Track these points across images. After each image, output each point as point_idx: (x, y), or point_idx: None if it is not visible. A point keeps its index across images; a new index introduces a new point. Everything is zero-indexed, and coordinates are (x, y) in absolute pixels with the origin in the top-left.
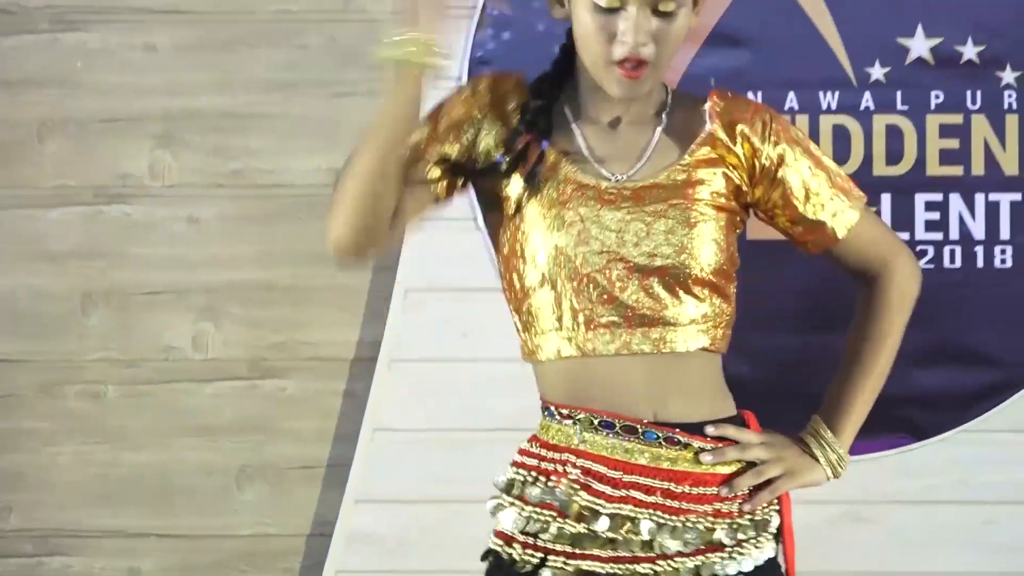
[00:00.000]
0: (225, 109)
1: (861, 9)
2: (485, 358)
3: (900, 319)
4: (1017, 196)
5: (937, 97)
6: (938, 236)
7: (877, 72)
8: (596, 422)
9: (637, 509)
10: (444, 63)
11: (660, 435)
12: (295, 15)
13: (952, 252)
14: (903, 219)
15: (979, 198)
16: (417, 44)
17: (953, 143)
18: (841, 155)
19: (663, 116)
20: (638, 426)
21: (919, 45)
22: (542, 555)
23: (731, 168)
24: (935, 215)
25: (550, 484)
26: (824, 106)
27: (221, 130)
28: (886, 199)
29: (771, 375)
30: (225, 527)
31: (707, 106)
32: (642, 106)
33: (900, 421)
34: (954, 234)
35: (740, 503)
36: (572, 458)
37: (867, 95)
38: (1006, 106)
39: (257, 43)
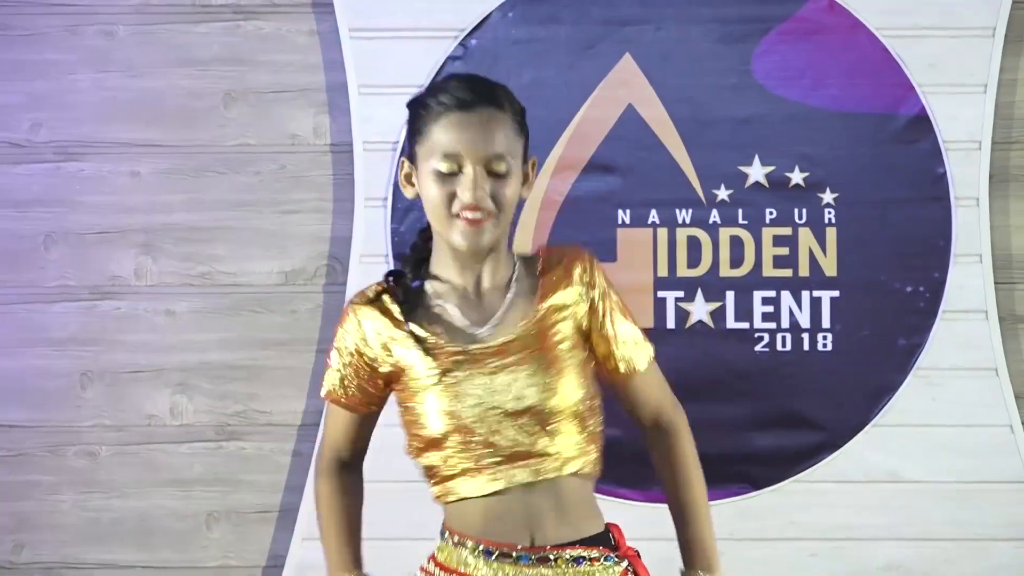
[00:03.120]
0: (195, 223)
1: (710, 143)
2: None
3: (699, 471)
4: (836, 293)
5: (771, 213)
6: (772, 325)
7: (723, 193)
8: (480, 548)
9: None
10: None
11: (533, 556)
12: (252, 147)
13: (784, 338)
14: (744, 311)
15: (805, 295)
16: None
17: (784, 251)
18: (694, 260)
19: (513, 282)
20: (512, 552)
21: (756, 172)
22: None
23: (571, 308)
24: (770, 308)
25: None
26: (680, 221)
27: (192, 240)
28: (730, 295)
29: (639, 438)
30: (195, 560)
31: (539, 263)
32: (497, 273)
33: (741, 474)
34: (785, 323)
35: None
36: None
37: (714, 212)
38: (826, 221)
39: (221, 170)
